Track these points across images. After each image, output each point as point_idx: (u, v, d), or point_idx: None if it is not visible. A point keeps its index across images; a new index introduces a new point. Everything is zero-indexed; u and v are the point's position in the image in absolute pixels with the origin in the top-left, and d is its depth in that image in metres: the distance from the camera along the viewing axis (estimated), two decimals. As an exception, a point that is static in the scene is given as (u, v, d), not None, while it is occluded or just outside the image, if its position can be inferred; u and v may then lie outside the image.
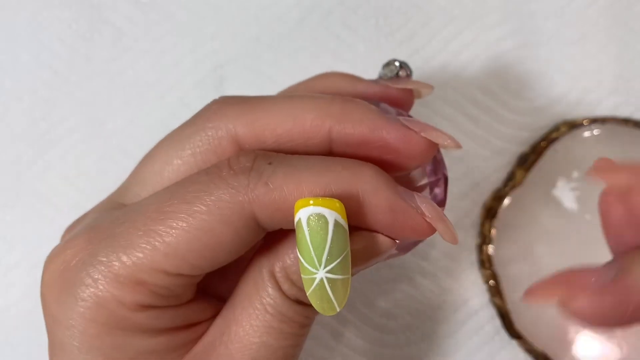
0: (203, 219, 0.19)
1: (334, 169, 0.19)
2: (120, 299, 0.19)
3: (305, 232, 0.18)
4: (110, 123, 0.33)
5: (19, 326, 0.32)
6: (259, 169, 0.19)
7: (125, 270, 0.19)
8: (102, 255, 0.19)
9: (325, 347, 0.31)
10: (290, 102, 0.20)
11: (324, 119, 0.20)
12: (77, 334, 0.20)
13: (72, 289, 0.20)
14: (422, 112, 0.32)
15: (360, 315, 0.31)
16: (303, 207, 0.18)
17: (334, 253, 0.18)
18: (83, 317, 0.19)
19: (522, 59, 0.33)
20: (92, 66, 0.33)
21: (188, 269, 0.19)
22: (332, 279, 0.18)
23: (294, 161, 0.19)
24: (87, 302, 0.19)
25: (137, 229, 0.19)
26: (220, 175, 0.19)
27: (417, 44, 0.33)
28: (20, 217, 0.33)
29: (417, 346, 0.31)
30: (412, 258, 0.32)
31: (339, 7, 0.33)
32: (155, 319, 0.20)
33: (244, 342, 0.20)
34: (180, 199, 0.19)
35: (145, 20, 0.34)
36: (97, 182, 0.33)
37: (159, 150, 0.22)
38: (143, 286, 0.19)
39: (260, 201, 0.18)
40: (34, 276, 0.32)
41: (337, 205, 0.18)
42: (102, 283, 0.19)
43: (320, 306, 0.19)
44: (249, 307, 0.20)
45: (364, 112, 0.20)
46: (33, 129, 0.33)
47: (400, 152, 0.20)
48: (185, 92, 0.33)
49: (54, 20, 0.34)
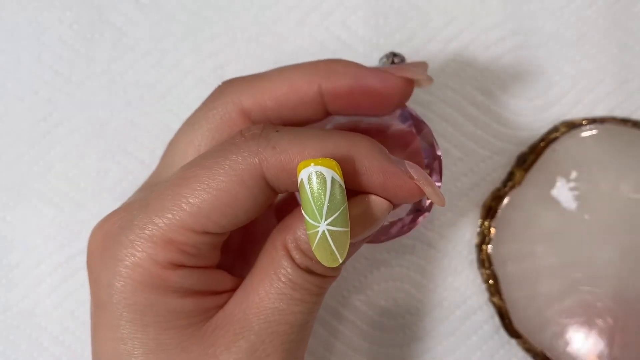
0: (221, 180, 0.21)
1: (332, 137, 0.21)
2: (154, 257, 0.21)
3: (307, 189, 0.20)
4: (111, 123, 0.33)
5: (19, 326, 0.32)
6: (267, 135, 0.21)
7: (157, 230, 0.21)
8: (137, 219, 0.22)
9: (324, 345, 0.31)
10: (283, 71, 0.24)
11: (313, 77, 0.24)
12: (116, 291, 0.22)
13: (111, 251, 0.22)
14: (422, 112, 0.32)
15: (359, 314, 0.31)
16: (304, 167, 0.20)
17: (332, 207, 0.20)
18: (121, 275, 0.22)
19: (521, 59, 0.33)
20: (93, 66, 0.33)
21: (212, 226, 0.21)
22: (333, 231, 0.20)
23: (298, 130, 0.22)
24: (124, 261, 0.22)
25: (167, 194, 0.22)
26: (234, 142, 0.21)
27: (417, 44, 0.33)
28: (21, 217, 0.33)
29: (416, 345, 0.31)
30: (412, 257, 0.32)
31: (339, 7, 0.33)
32: (185, 279, 0.22)
33: (259, 307, 0.22)
34: (201, 166, 0.22)
35: (146, 21, 0.34)
36: (98, 182, 0.33)
37: (180, 134, 0.25)
38: (174, 245, 0.21)
39: (268, 162, 0.21)
40: (35, 276, 0.32)
41: (333, 164, 0.20)
42: (137, 243, 0.21)
43: (325, 258, 0.20)
44: (264, 277, 0.22)
45: (346, 65, 0.24)
46: (34, 129, 0.33)
47: (382, 93, 0.24)
48: (186, 92, 0.33)
49: (55, 20, 0.34)
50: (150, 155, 0.33)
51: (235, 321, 0.22)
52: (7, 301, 0.32)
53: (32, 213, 0.33)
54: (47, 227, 0.32)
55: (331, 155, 0.21)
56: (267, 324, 0.22)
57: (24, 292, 0.32)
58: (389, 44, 0.33)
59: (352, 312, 0.31)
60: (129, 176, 0.33)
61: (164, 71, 0.33)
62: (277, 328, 0.22)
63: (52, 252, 0.32)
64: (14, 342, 0.32)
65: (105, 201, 0.32)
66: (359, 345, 0.31)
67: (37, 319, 0.32)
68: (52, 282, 0.32)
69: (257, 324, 0.22)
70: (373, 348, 0.31)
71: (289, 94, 0.24)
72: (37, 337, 0.32)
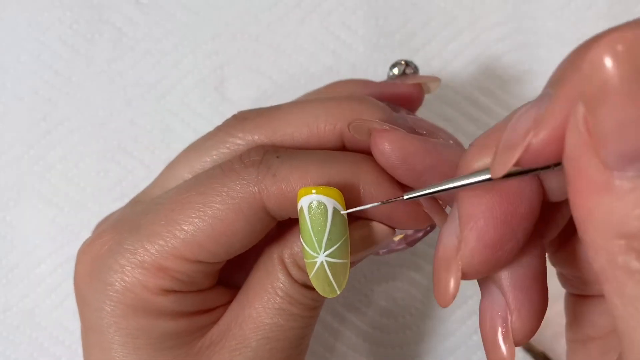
0: (217, 208, 0.20)
1: (337, 162, 0.20)
2: (145, 283, 0.21)
3: (307, 218, 0.19)
4: (111, 123, 0.33)
5: (19, 326, 0.32)
6: (267, 162, 0.20)
7: (148, 257, 0.21)
8: (128, 243, 0.21)
9: (325, 346, 0.31)
10: (303, 109, 0.22)
11: (335, 123, 0.21)
12: (106, 315, 0.21)
13: (101, 274, 0.21)
14: (422, 112, 0.32)
15: (360, 315, 0.31)
16: (305, 195, 0.19)
17: (333, 238, 0.19)
18: (111, 299, 0.21)
19: (522, 59, 0.33)
20: (92, 66, 0.33)
21: (205, 255, 0.21)
22: (332, 263, 0.19)
23: (300, 155, 0.20)
24: (114, 286, 0.21)
25: (160, 219, 0.21)
26: (232, 168, 0.20)
27: (417, 44, 0.33)
28: (21, 217, 0.33)
29: (417, 345, 0.31)
30: (412, 258, 0.32)
31: (339, 7, 0.33)
32: (176, 303, 0.21)
33: (257, 322, 0.21)
34: (196, 190, 0.21)
35: (146, 21, 0.34)
36: (98, 182, 0.33)
37: (181, 159, 0.23)
38: (165, 272, 0.21)
39: (268, 191, 0.20)
40: (34, 276, 0.32)
41: (335, 193, 0.19)
42: (128, 269, 0.21)
43: (322, 289, 0.20)
44: (261, 291, 0.22)
45: (372, 110, 0.21)
46: (34, 129, 0.33)
47: None
48: (186, 92, 0.33)
49: (54, 20, 0.34)
50: (150, 155, 0.33)
51: (231, 336, 0.22)
52: (7, 301, 0.32)
53: (32, 213, 0.33)
54: (47, 227, 0.32)
55: (335, 182, 0.20)
56: (265, 340, 0.21)
57: (24, 292, 0.32)
58: (389, 44, 0.33)
59: (353, 313, 0.31)
60: (129, 176, 0.33)
61: (164, 71, 0.33)
62: (275, 344, 0.22)
63: (52, 252, 0.32)
64: (14, 342, 0.32)
65: (105, 201, 0.32)
66: (359, 345, 0.31)
67: (37, 319, 0.32)
68: (52, 282, 0.32)
69: (255, 339, 0.21)
70: (373, 348, 0.31)
71: (309, 137, 0.22)
72: (37, 337, 0.32)
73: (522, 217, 0.17)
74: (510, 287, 0.17)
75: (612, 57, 0.12)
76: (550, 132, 0.14)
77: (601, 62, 0.12)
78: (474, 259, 0.17)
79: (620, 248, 0.13)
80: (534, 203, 0.17)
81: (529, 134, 0.15)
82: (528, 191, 0.16)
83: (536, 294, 0.18)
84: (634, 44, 0.12)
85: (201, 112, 0.33)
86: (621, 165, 0.12)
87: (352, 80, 0.26)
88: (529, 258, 0.18)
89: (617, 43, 0.12)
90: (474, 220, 0.17)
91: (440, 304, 0.18)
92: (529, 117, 0.15)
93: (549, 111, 0.14)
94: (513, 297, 0.17)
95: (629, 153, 0.12)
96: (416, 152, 0.19)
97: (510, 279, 0.17)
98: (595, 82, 0.12)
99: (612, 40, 0.12)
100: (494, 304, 0.18)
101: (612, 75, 0.12)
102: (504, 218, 0.16)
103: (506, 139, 0.15)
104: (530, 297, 0.17)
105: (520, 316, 0.17)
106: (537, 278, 0.18)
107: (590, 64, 0.12)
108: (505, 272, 0.17)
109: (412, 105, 0.24)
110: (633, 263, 0.13)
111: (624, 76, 0.12)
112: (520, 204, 0.16)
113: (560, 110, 0.14)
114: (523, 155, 0.15)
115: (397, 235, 0.23)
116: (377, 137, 0.20)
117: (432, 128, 0.23)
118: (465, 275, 0.17)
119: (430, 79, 0.25)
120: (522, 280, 0.17)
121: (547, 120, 0.14)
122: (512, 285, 0.17)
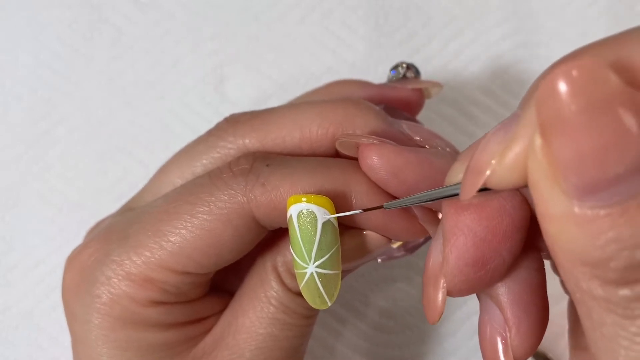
0: (204, 219, 0.20)
1: (328, 170, 0.20)
2: (132, 295, 0.20)
3: (296, 227, 0.18)
4: (110, 123, 0.33)
5: (19, 326, 0.32)
6: (256, 170, 0.20)
7: (135, 268, 0.20)
8: (115, 254, 0.21)
9: (325, 346, 0.31)
10: (296, 113, 0.21)
11: (328, 127, 0.21)
12: (93, 327, 0.21)
13: (88, 286, 0.21)
14: (421, 112, 0.32)
15: (359, 315, 0.31)
16: (294, 203, 0.18)
17: (323, 248, 0.19)
18: (98, 312, 0.21)
19: (522, 58, 0.32)
20: (92, 66, 0.33)
21: (193, 267, 0.20)
22: (322, 274, 0.19)
23: (291, 162, 0.20)
24: (101, 298, 0.20)
25: (147, 229, 0.20)
26: (220, 177, 0.20)
27: (417, 44, 0.33)
28: (20, 217, 0.33)
29: (417, 346, 0.31)
30: (412, 258, 0.31)
31: (339, 7, 0.33)
32: (165, 315, 0.21)
33: (250, 332, 0.21)
34: (184, 200, 0.20)
35: (145, 20, 0.34)
36: (97, 182, 0.33)
37: (172, 164, 0.23)
38: (152, 283, 0.20)
39: (257, 201, 0.19)
40: (33, 276, 0.32)
41: (326, 201, 0.18)
42: (114, 281, 0.20)
43: (312, 300, 0.19)
44: (254, 300, 0.21)
45: (366, 113, 0.21)
46: (33, 129, 0.33)
47: None
48: (185, 92, 0.33)
49: (53, 20, 0.34)
50: (150, 155, 0.33)
51: (224, 346, 0.21)
52: (5, 302, 0.32)
53: (31, 213, 0.32)
54: (46, 227, 0.32)
55: (326, 191, 0.19)
56: (260, 351, 0.21)
57: (23, 292, 0.32)
58: (389, 43, 0.33)
59: (352, 313, 0.31)
60: (128, 176, 0.33)
61: (164, 71, 0.33)
62: (270, 354, 0.21)
63: (51, 252, 0.32)
64: (13, 343, 0.32)
65: (104, 201, 0.32)
66: (359, 346, 0.31)
67: (36, 319, 0.32)
68: (51, 283, 0.32)
69: (249, 350, 0.21)
70: (373, 349, 0.31)
71: (302, 142, 0.21)
72: (36, 337, 0.32)
73: (504, 234, 0.16)
74: (508, 302, 0.17)
75: (567, 85, 0.11)
76: (514, 158, 0.14)
77: (556, 90, 0.12)
78: (454, 277, 0.16)
79: (584, 275, 0.13)
80: (516, 219, 0.16)
81: (494, 158, 0.14)
82: (509, 207, 0.16)
83: (535, 308, 0.17)
84: (590, 72, 0.11)
85: (201, 112, 0.33)
86: (581, 195, 0.12)
87: (350, 81, 0.26)
88: (526, 272, 0.17)
89: (573, 69, 0.11)
90: (455, 238, 0.16)
91: (428, 320, 0.18)
92: (496, 140, 0.14)
93: (513, 136, 0.14)
94: (511, 313, 0.17)
95: (587, 185, 0.12)
96: (406, 165, 0.19)
97: (508, 295, 0.17)
98: (549, 111, 0.12)
99: (568, 67, 0.11)
100: (492, 320, 0.17)
101: (566, 105, 0.12)
102: (483, 236, 0.16)
103: (474, 161, 0.15)
104: (529, 312, 0.17)
105: (519, 333, 0.17)
106: (536, 292, 0.17)
107: (545, 91, 0.12)
108: (502, 287, 0.17)
109: (412, 110, 0.24)
110: (597, 290, 0.13)
111: (579, 106, 0.11)
112: (501, 221, 0.16)
113: (523, 137, 0.14)
114: (489, 179, 0.14)
115: (396, 243, 0.23)
116: (364, 152, 0.19)
117: (428, 135, 0.22)
118: (450, 293, 0.17)
119: (431, 84, 0.25)
120: (520, 295, 0.17)
121: (511, 147, 0.14)
122: (510, 301, 0.17)
